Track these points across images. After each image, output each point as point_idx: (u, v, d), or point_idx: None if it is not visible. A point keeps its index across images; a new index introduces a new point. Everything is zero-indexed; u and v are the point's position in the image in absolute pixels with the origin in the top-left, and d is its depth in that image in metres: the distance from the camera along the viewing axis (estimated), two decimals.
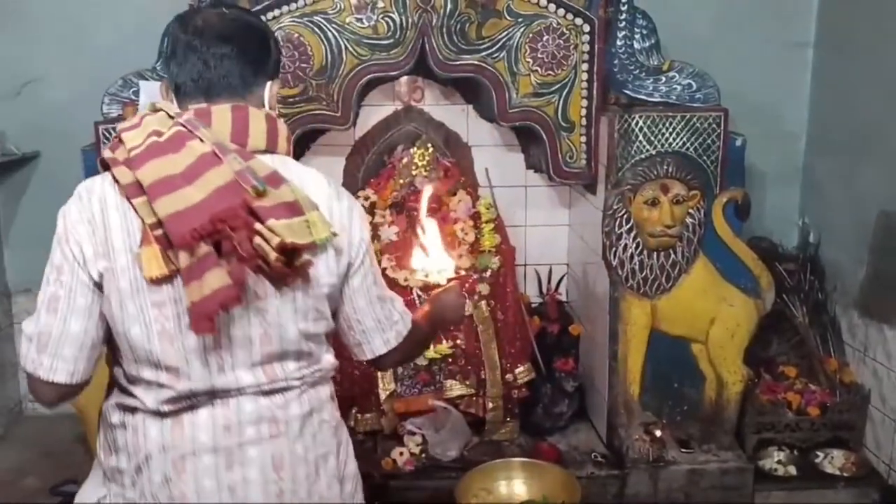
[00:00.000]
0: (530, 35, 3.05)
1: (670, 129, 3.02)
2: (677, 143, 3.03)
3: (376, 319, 1.62)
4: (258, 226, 1.38)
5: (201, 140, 1.44)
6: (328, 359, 1.62)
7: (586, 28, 3.06)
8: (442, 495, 2.77)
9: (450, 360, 3.27)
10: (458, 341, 3.28)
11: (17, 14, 3.41)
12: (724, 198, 3.09)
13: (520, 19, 3.04)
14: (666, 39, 3.27)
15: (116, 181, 1.47)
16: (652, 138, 3.02)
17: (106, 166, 1.53)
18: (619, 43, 3.10)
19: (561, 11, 3.05)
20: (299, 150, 3.44)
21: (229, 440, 1.48)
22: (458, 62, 3.07)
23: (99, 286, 1.46)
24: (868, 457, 3.23)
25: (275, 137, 1.55)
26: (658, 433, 3.07)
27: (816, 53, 3.69)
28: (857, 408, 3.24)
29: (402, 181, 3.39)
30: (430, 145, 3.42)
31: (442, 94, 3.52)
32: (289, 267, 1.42)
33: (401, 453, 3.07)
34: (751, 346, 3.22)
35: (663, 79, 3.12)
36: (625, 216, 3.05)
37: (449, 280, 2.08)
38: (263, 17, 2.93)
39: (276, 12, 2.97)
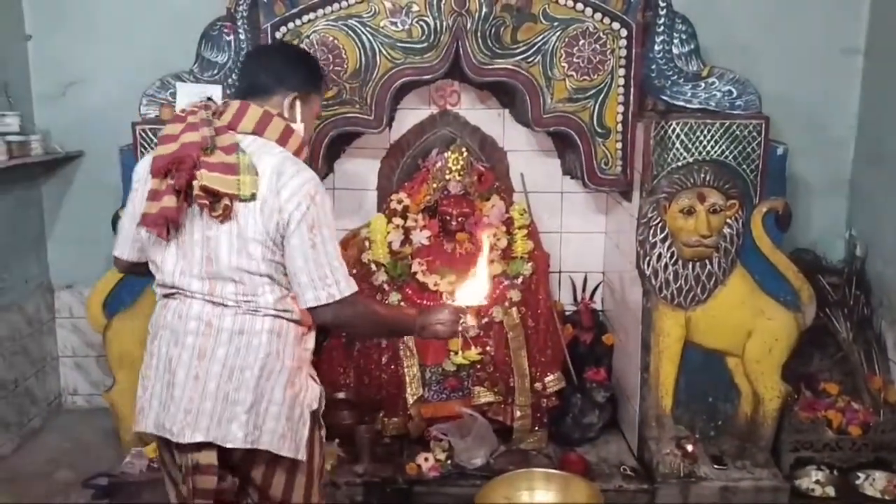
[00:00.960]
0: (566, 39, 3.01)
1: (708, 137, 2.95)
2: (716, 151, 2.96)
3: (310, 277, 1.94)
4: (197, 172, 1.89)
5: (200, 119, 1.97)
6: (268, 298, 1.96)
7: (623, 32, 3.01)
8: (465, 503, 2.73)
9: (478, 366, 3.24)
10: (488, 348, 3.25)
11: (63, 17, 3.50)
12: (763, 208, 3.01)
13: (555, 23, 3.00)
14: (708, 45, 3.21)
15: None
16: (689, 145, 2.96)
17: None
18: (657, 48, 3.04)
19: (598, 15, 3.00)
20: (334, 152, 3.46)
21: (178, 325, 1.97)
22: (492, 66, 3.04)
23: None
24: None
25: (264, 126, 1.98)
26: (690, 448, 2.99)
27: (867, 61, 3.57)
28: None
29: (435, 185, 3.37)
30: (464, 149, 3.40)
31: (478, 98, 3.50)
32: (216, 209, 1.90)
33: (426, 459, 3.05)
34: (790, 362, 3.13)
35: (702, 85, 3.05)
36: (659, 225, 2.98)
37: (469, 306, 2.29)
38: (299, 20, 2.97)
39: (312, 16, 2.98)
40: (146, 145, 2.93)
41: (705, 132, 2.94)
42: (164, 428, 1.96)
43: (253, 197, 1.90)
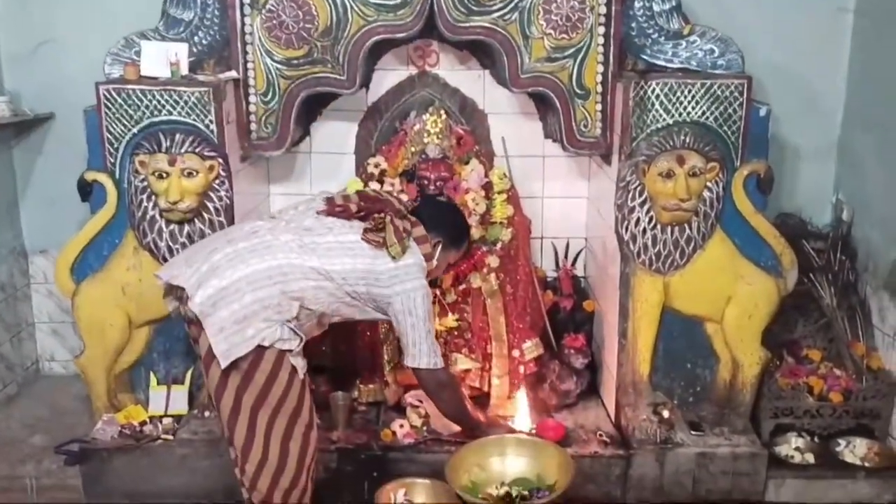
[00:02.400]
0: None
1: (689, 97, 2.87)
2: (696, 112, 2.89)
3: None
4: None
5: None
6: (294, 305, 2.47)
7: None
8: (440, 469, 2.70)
9: (456, 333, 3.19)
10: (465, 314, 3.20)
11: None
12: (745, 171, 2.94)
13: None
14: (693, 3, 3.12)
15: None
16: (669, 107, 2.88)
17: None
18: (637, 4, 2.96)
19: None
20: (311, 115, 3.39)
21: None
22: (468, 24, 2.96)
23: None
24: (894, 447, 3.06)
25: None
26: (667, 414, 2.96)
27: (858, 20, 3.46)
28: (883, 395, 3.07)
29: (413, 149, 3.30)
30: (443, 112, 3.32)
31: (457, 58, 3.41)
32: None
33: (401, 425, 3.01)
34: (771, 328, 3.08)
35: (683, 43, 2.97)
36: (638, 188, 2.92)
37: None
38: None
39: None
40: (111, 106, 2.86)
41: (686, 92, 2.86)
42: (171, 276, 2.45)
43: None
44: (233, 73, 2.99)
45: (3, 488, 2.97)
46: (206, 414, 3.02)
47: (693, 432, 2.97)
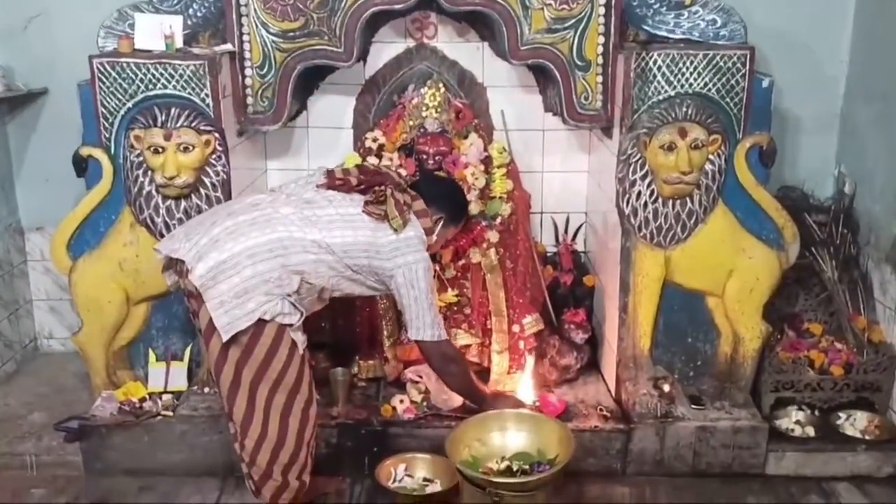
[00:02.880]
0: None
1: (691, 69, 2.83)
2: (698, 84, 2.85)
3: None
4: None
5: None
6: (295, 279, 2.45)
7: None
8: (440, 444, 2.70)
9: (455, 308, 3.18)
10: (465, 290, 3.18)
11: None
12: (747, 143, 2.91)
13: None
14: None
15: None
16: (671, 78, 2.84)
17: None
18: None
19: None
20: (308, 89, 3.35)
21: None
22: None
23: None
24: (894, 420, 3.06)
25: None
26: (667, 388, 2.95)
27: None
28: (884, 368, 3.06)
29: (411, 123, 3.26)
30: (442, 85, 3.27)
31: (456, 30, 3.36)
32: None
33: (401, 401, 3.00)
34: (772, 301, 3.07)
35: (686, 14, 2.93)
36: (639, 162, 2.89)
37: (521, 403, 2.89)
38: None
39: None
40: (105, 79, 2.82)
41: (688, 64, 2.82)
42: (172, 249, 2.44)
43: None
44: (228, 46, 2.95)
45: (2, 465, 2.96)
46: (206, 390, 3.01)
47: (693, 406, 2.96)
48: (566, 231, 3.56)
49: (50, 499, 2.82)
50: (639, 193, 2.91)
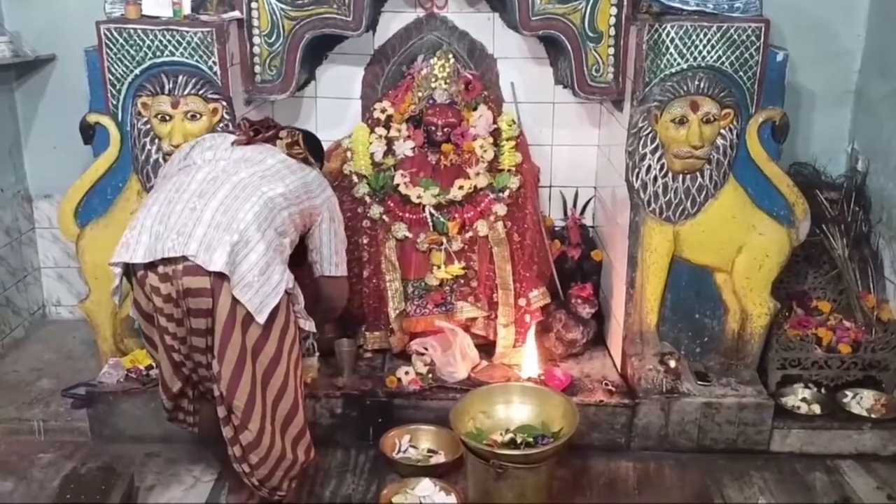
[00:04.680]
0: None
1: (704, 41, 2.79)
2: (711, 57, 2.81)
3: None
4: None
5: None
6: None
7: None
8: (444, 416, 2.71)
9: (462, 281, 3.17)
10: (472, 262, 3.17)
11: None
12: (760, 118, 2.87)
13: None
14: None
15: None
16: (684, 50, 2.80)
17: None
18: None
19: None
20: (316, 59, 3.32)
21: None
22: None
23: None
24: None
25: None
26: (673, 364, 2.94)
27: None
28: (892, 347, 3.04)
29: (420, 94, 3.22)
30: (451, 56, 3.24)
31: (466, 1, 3.32)
32: None
33: (406, 373, 3.01)
34: (781, 278, 3.04)
35: None
36: (650, 135, 2.86)
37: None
38: None
39: None
40: (112, 46, 2.80)
41: (701, 36, 2.78)
42: (156, 252, 2.23)
43: None
44: (236, 14, 2.92)
45: (11, 430, 2.99)
46: None
47: (699, 382, 2.95)
48: (575, 205, 3.54)
49: (57, 464, 2.84)
50: (649, 167, 2.88)
